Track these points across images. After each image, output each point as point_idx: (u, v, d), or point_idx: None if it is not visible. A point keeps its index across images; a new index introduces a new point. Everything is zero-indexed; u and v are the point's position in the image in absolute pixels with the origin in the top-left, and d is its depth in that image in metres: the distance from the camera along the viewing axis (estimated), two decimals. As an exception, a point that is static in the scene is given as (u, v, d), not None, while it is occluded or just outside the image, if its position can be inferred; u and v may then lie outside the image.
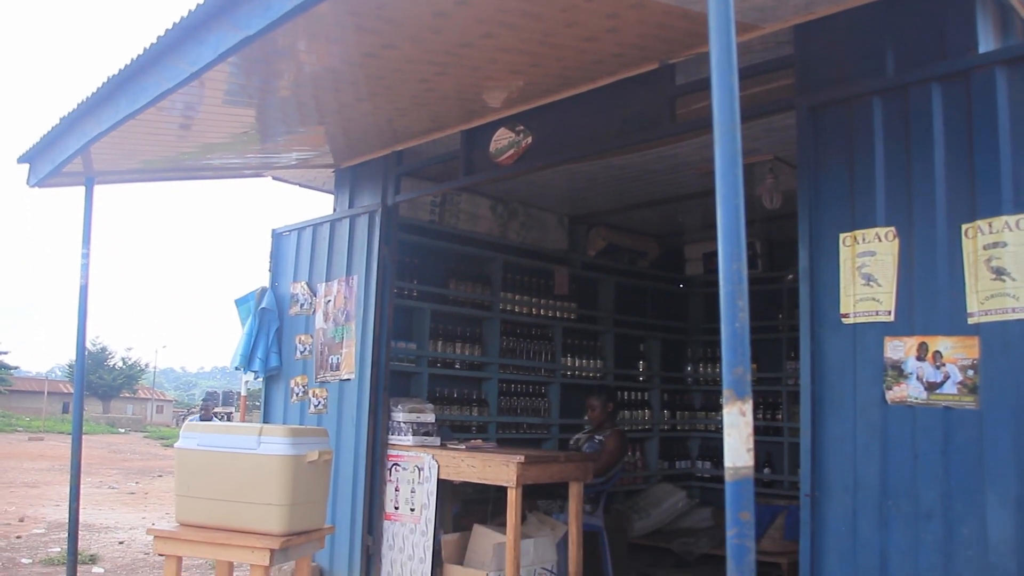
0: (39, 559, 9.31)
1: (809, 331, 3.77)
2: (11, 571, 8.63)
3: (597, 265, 8.87)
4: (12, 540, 10.49)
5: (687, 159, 6.49)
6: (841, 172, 3.75)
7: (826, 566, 3.65)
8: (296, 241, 7.11)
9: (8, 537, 10.67)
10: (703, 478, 9.52)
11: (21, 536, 10.73)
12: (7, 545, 10.15)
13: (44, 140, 5.21)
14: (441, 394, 7.29)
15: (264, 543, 4.32)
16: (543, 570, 5.68)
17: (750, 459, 1.70)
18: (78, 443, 5.56)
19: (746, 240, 1.80)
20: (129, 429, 47.21)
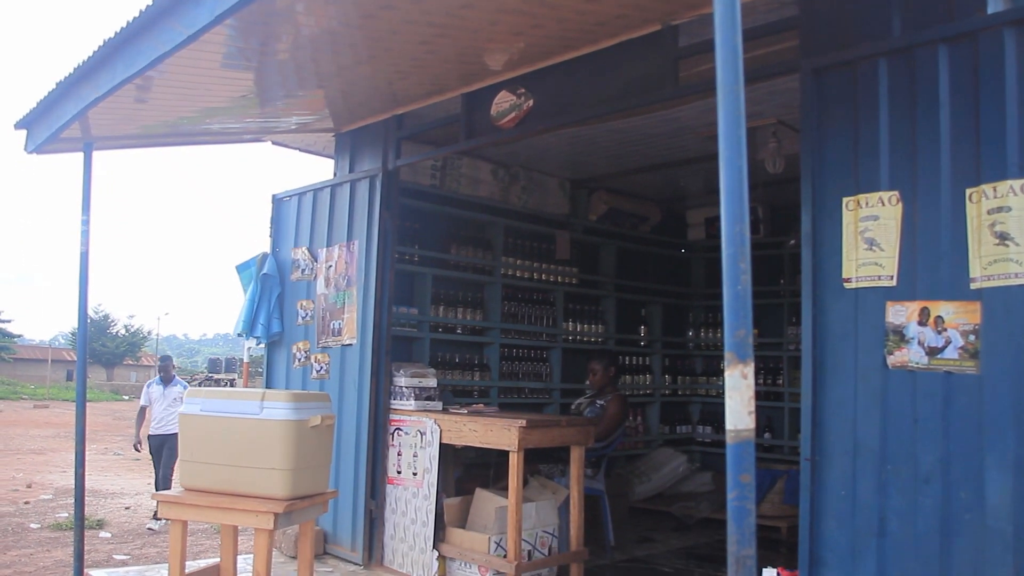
0: (47, 524, 9.39)
1: (811, 296, 3.76)
2: (20, 536, 8.71)
3: (599, 230, 8.86)
4: (20, 506, 10.58)
5: (689, 123, 6.45)
6: (845, 136, 3.72)
7: (825, 529, 3.67)
8: (297, 206, 7.09)
9: (16, 503, 10.77)
10: (704, 443, 9.56)
11: (29, 502, 10.82)
12: (16, 511, 10.24)
13: (41, 105, 5.17)
14: (443, 359, 7.31)
15: (268, 507, 4.34)
16: (544, 533, 5.72)
17: (751, 422, 1.70)
18: (82, 410, 5.58)
19: (748, 204, 1.79)
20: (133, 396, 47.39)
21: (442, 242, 7.49)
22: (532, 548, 5.59)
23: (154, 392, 9.88)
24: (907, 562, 3.38)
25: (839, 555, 3.61)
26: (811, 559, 3.68)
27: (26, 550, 8.15)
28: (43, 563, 7.67)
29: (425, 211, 7.25)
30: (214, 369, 51.95)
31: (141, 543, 8.60)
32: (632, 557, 6.61)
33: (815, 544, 3.69)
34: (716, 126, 1.81)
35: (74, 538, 5.50)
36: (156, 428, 9.60)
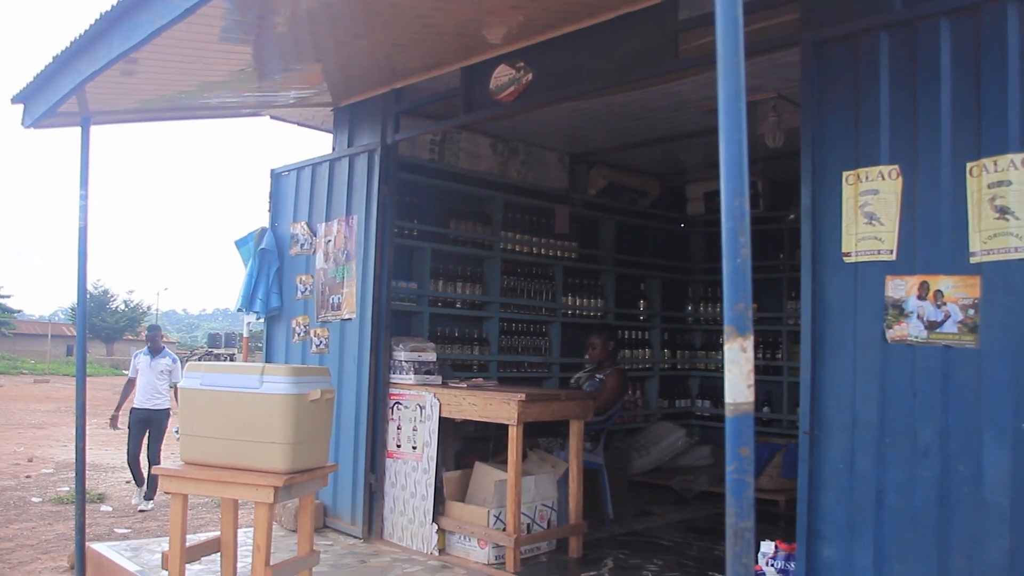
0: (48, 498, 9.45)
1: (810, 270, 3.76)
2: (22, 510, 8.76)
3: (598, 204, 8.84)
4: (22, 480, 10.64)
5: (689, 96, 6.42)
6: (845, 109, 3.70)
7: (823, 503, 3.69)
8: (295, 181, 7.07)
9: (18, 477, 10.82)
10: (703, 417, 9.60)
11: (31, 476, 10.88)
12: (17, 484, 10.29)
13: (38, 79, 5.14)
14: (442, 333, 7.31)
15: (268, 481, 4.36)
16: (544, 507, 5.75)
17: (750, 395, 1.70)
18: (82, 385, 5.59)
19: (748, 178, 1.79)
20: (131, 370, 47.39)
21: (441, 216, 7.47)
22: (531, 521, 5.63)
23: (141, 363, 9.44)
24: (905, 535, 3.41)
25: (837, 528, 3.63)
26: (809, 532, 3.71)
27: (28, 523, 8.20)
28: (45, 536, 7.73)
29: (424, 185, 7.23)
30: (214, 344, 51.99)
31: (141, 517, 8.65)
32: (631, 530, 6.65)
33: (813, 517, 3.71)
34: (716, 100, 1.80)
35: (75, 512, 5.53)
36: (140, 402, 9.26)
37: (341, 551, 5.79)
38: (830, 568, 3.64)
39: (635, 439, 8.91)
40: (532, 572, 5.32)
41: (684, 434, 8.97)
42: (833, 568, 3.63)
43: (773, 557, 4.06)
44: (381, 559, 5.62)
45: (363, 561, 5.56)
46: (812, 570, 3.69)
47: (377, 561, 5.57)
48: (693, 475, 8.18)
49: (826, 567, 3.66)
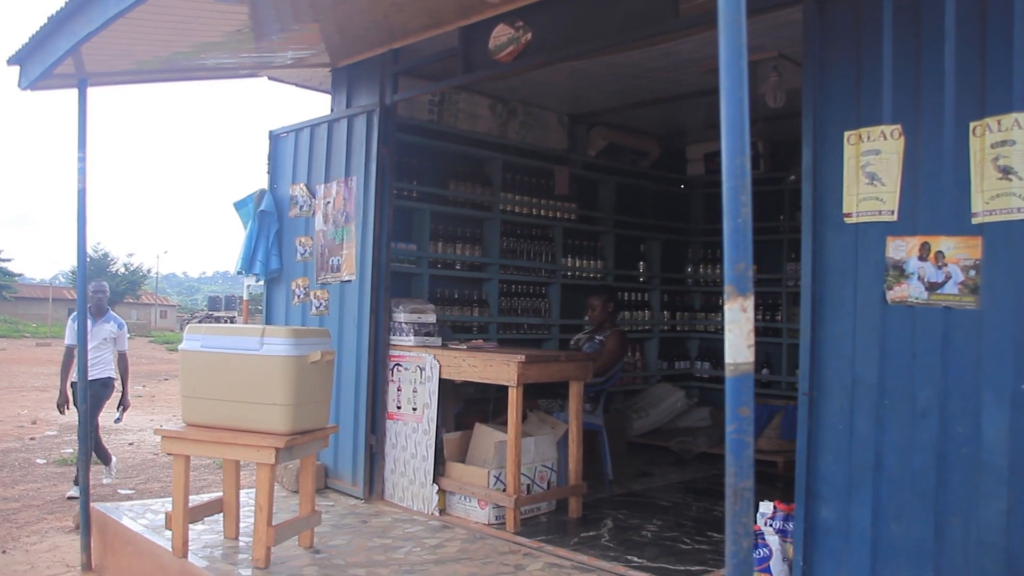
0: (53, 460, 9.51)
1: (811, 231, 3.75)
2: (27, 471, 8.82)
3: (598, 165, 8.80)
4: (26, 441, 10.70)
5: (690, 56, 6.37)
6: (847, 68, 3.66)
7: (822, 464, 3.71)
8: (294, 142, 7.03)
9: (22, 439, 10.89)
10: (702, 378, 9.63)
11: (35, 438, 10.94)
12: (22, 446, 10.36)
13: (33, 40, 5.08)
14: (442, 295, 7.31)
15: (269, 442, 4.39)
16: (543, 468, 5.78)
17: (750, 355, 1.70)
18: (84, 348, 5.61)
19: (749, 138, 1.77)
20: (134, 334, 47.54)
21: (440, 178, 7.44)
22: (531, 482, 5.66)
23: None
24: (903, 496, 3.42)
25: (835, 489, 3.65)
26: (807, 493, 3.73)
27: (33, 484, 8.27)
28: (50, 497, 7.79)
29: (423, 147, 7.19)
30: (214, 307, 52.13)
31: (145, 478, 8.72)
32: (630, 491, 6.70)
33: (812, 478, 3.73)
34: (717, 59, 1.78)
35: (80, 473, 5.57)
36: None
37: (342, 511, 5.83)
38: (828, 528, 3.67)
39: (634, 401, 8.95)
40: (532, 532, 5.36)
41: (683, 396, 9.01)
42: (831, 528, 3.66)
43: (772, 517, 4.09)
44: (382, 519, 5.66)
45: (364, 521, 5.60)
46: (810, 530, 3.72)
47: (378, 521, 5.61)
48: (692, 436, 8.22)
49: (824, 527, 3.68)
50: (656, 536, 5.39)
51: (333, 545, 5.02)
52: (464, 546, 5.07)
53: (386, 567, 4.63)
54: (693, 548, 5.12)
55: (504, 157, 7.80)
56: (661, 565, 4.73)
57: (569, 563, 4.74)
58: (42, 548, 6.12)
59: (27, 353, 28.71)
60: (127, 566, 5.21)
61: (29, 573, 5.58)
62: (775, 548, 3.98)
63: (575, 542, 5.19)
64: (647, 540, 5.28)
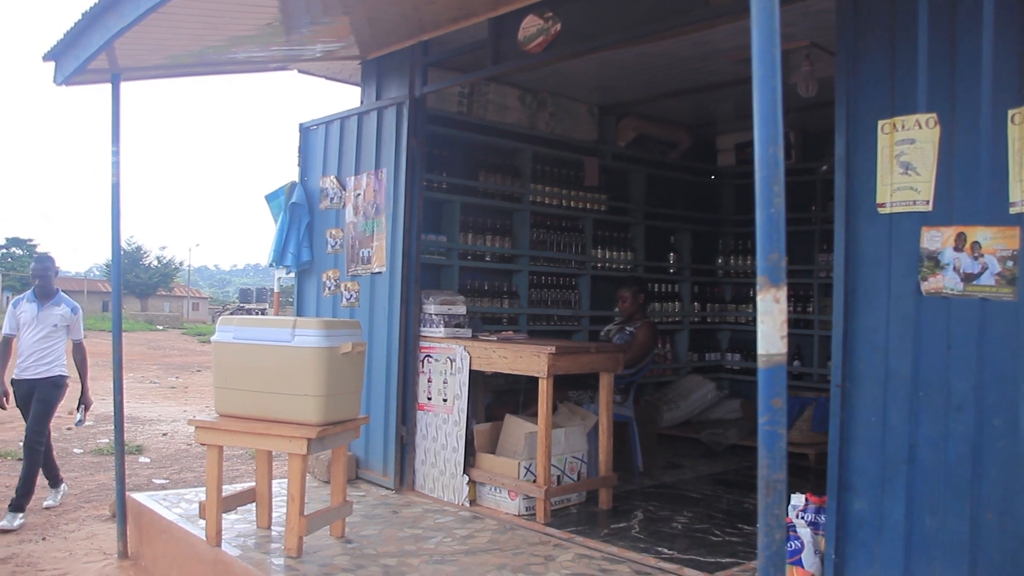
0: (89, 449, 9.65)
1: (844, 221, 3.71)
2: (65, 460, 8.95)
3: (627, 156, 8.77)
4: (63, 431, 10.86)
5: (721, 46, 6.32)
6: (881, 56, 3.62)
7: (855, 456, 3.67)
8: (324, 135, 7.06)
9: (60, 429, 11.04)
10: (732, 370, 9.58)
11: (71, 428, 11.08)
12: (59, 436, 10.51)
13: (68, 36, 5.14)
14: (472, 286, 7.32)
15: (301, 433, 4.42)
16: (574, 459, 5.78)
17: (783, 346, 1.69)
18: (119, 340, 5.66)
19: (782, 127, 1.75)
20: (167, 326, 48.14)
21: (470, 169, 7.44)
22: (561, 473, 5.66)
23: (24, 313, 6.84)
24: (937, 489, 3.39)
25: (868, 481, 3.62)
26: (840, 485, 3.70)
27: (71, 474, 8.39)
28: (87, 486, 7.90)
29: (453, 138, 7.20)
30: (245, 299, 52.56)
31: (179, 468, 8.81)
32: (660, 483, 6.68)
33: (844, 470, 3.70)
34: (748, 49, 1.76)
35: (115, 463, 5.64)
36: (22, 370, 6.77)
37: (373, 502, 5.86)
38: (860, 521, 3.64)
39: (665, 392, 8.92)
40: (562, 523, 5.36)
41: (714, 387, 8.96)
42: (864, 521, 3.63)
43: (803, 510, 4.06)
44: (413, 510, 5.69)
45: (395, 512, 5.63)
46: (843, 523, 3.69)
47: (409, 512, 5.64)
48: (722, 428, 8.18)
49: (856, 520, 3.65)
50: (686, 528, 5.37)
51: (364, 535, 5.06)
52: (494, 537, 5.09)
53: (417, 557, 4.65)
54: (724, 540, 5.11)
55: (534, 148, 7.79)
56: (692, 557, 4.71)
57: (599, 554, 4.74)
58: (80, 536, 6.21)
59: (63, 345, 29.06)
60: (162, 554, 5.27)
61: (67, 560, 5.66)
62: (807, 541, 3.95)
63: (605, 533, 5.19)
64: (677, 532, 5.27)
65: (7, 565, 5.55)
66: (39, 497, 6.88)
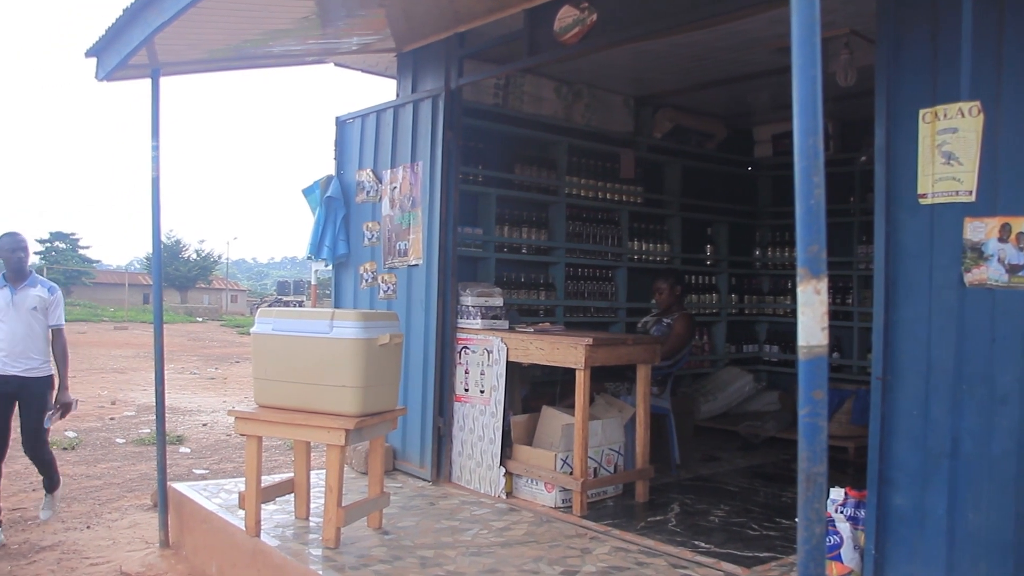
0: (131, 439, 9.79)
1: (884, 212, 3.66)
2: (108, 450, 9.10)
3: (663, 148, 8.72)
4: (107, 422, 11.04)
5: (758, 35, 6.26)
6: (923, 43, 3.56)
7: (896, 449, 3.63)
8: (360, 128, 7.09)
9: (103, 419, 11.23)
10: (770, 362, 9.51)
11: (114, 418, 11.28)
12: (102, 426, 10.68)
13: (109, 32, 5.21)
14: (508, 279, 7.32)
15: (339, 424, 4.45)
16: (610, 451, 5.77)
17: (824, 338, 1.67)
18: (160, 332, 5.71)
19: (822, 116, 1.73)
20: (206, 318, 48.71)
21: (506, 162, 7.44)
22: (598, 465, 5.66)
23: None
24: (981, 484, 3.33)
25: (909, 476, 3.57)
26: (880, 479, 3.65)
27: (114, 463, 8.53)
28: (129, 475, 8.03)
29: (488, 130, 7.20)
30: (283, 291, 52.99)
31: (218, 458, 8.91)
32: (697, 475, 6.65)
33: (885, 464, 3.65)
34: (786, 37, 1.75)
35: (157, 453, 5.71)
36: (2, 365, 5.85)
37: (410, 493, 5.89)
38: (901, 516, 3.60)
39: (702, 384, 8.88)
40: (599, 516, 5.36)
41: (751, 379, 8.91)
42: (905, 516, 3.58)
43: (843, 504, 4.02)
44: (450, 501, 5.71)
45: (432, 503, 5.66)
46: (883, 517, 3.65)
47: (446, 503, 5.66)
48: (760, 421, 8.12)
49: (897, 515, 3.61)
50: (724, 521, 5.34)
51: (401, 526, 5.08)
52: (531, 529, 5.10)
53: (454, 549, 4.67)
54: (761, 534, 5.07)
55: (569, 140, 7.77)
56: (729, 551, 4.69)
57: (636, 547, 4.73)
58: (122, 524, 6.31)
59: (106, 336, 29.53)
60: (202, 544, 5.34)
61: (111, 548, 5.75)
62: (846, 535, 3.92)
63: (642, 526, 5.17)
64: (714, 525, 5.25)
65: (54, 552, 5.65)
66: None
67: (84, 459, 8.68)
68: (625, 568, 4.37)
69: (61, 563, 5.46)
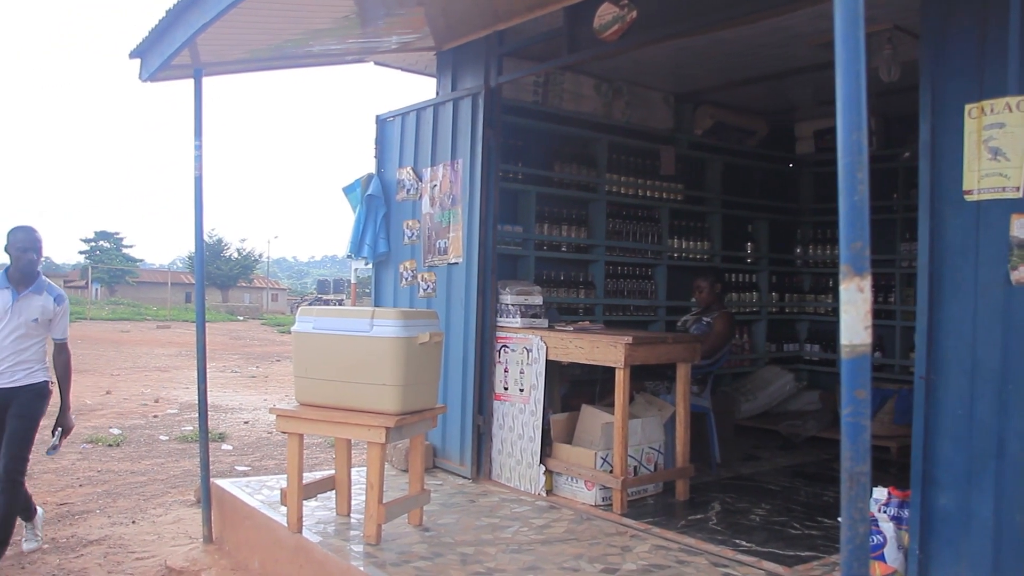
0: (174, 436, 9.93)
1: (928, 209, 3.61)
2: (152, 447, 9.24)
3: (704, 144, 8.67)
4: (150, 419, 11.20)
5: (800, 30, 6.21)
6: (969, 37, 3.50)
7: (940, 449, 3.58)
8: (400, 127, 7.12)
9: (147, 416, 11.39)
10: (811, 361, 9.42)
11: (157, 416, 11.44)
12: (146, 424, 10.84)
13: (152, 34, 5.28)
14: (548, 277, 7.32)
15: (380, 422, 4.48)
16: (650, 449, 5.76)
17: (868, 336, 1.65)
18: (202, 330, 5.77)
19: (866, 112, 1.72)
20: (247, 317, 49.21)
21: (546, 159, 7.44)
22: (638, 464, 5.64)
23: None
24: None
25: (954, 476, 3.52)
26: (924, 479, 3.61)
27: (157, 460, 8.65)
28: (173, 472, 8.14)
29: (528, 128, 7.20)
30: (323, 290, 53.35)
31: (260, 455, 9.01)
32: (737, 474, 6.61)
33: (928, 464, 3.60)
34: (829, 33, 1.73)
35: (200, 450, 5.78)
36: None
37: (450, 491, 5.91)
38: (946, 517, 3.55)
39: (742, 383, 8.82)
40: (639, 514, 5.34)
41: (792, 378, 8.83)
42: (949, 517, 3.54)
43: (886, 504, 3.98)
44: (490, 499, 5.72)
45: (472, 501, 5.67)
46: (927, 518, 3.60)
47: (486, 501, 5.67)
48: (801, 420, 8.06)
49: (942, 515, 3.56)
50: (764, 520, 5.31)
51: (442, 523, 5.11)
52: (571, 527, 5.09)
53: (494, 546, 4.68)
54: (803, 533, 5.03)
55: (609, 138, 7.75)
56: (770, 550, 4.65)
57: (676, 546, 4.71)
58: (167, 520, 6.40)
59: (149, 335, 29.95)
60: (245, 539, 5.40)
61: (156, 543, 5.84)
62: (890, 535, 3.87)
63: (682, 525, 5.15)
64: (755, 524, 5.21)
65: (100, 546, 5.75)
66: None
67: (129, 456, 8.82)
68: (666, 566, 4.36)
69: (108, 557, 5.55)
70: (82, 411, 8.91)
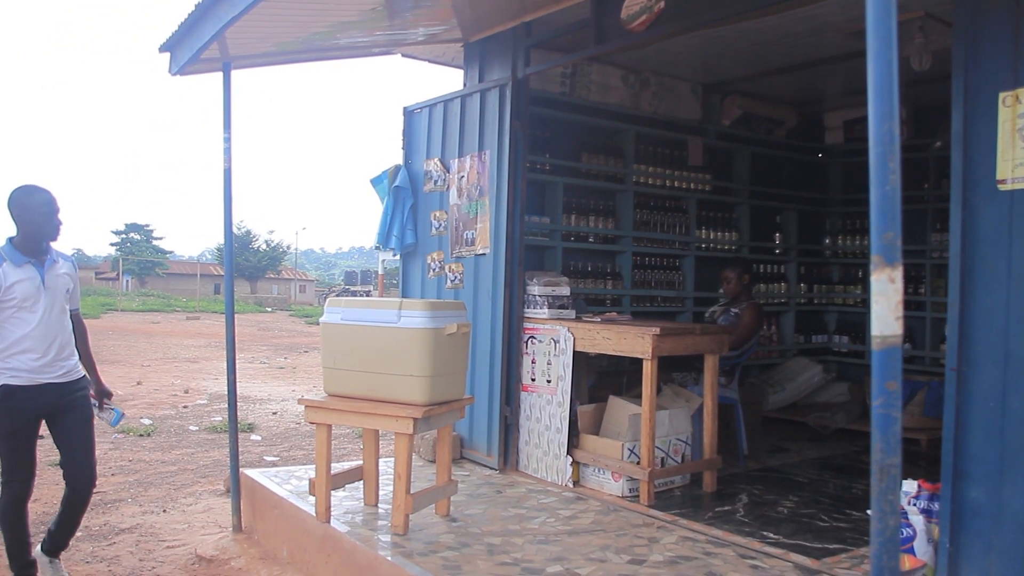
0: (204, 427, 10.02)
1: (960, 199, 3.56)
2: (182, 437, 9.33)
3: (732, 135, 8.62)
4: (180, 409, 11.31)
5: (830, 19, 6.15)
6: (1003, 24, 3.45)
7: (971, 442, 3.54)
8: (428, 118, 7.13)
9: (177, 407, 11.50)
10: (840, 352, 9.36)
11: (187, 406, 11.55)
12: (176, 414, 10.95)
13: (182, 28, 5.32)
14: (575, 268, 7.32)
15: (408, 412, 4.49)
16: (678, 441, 5.74)
17: (899, 327, 1.64)
18: (231, 321, 5.82)
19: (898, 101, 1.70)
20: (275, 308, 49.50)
21: (573, 150, 7.43)
22: (665, 455, 5.63)
23: (20, 283, 4.29)
24: (1061, 476, 3.25)
25: (986, 469, 3.49)
26: (955, 472, 3.58)
27: (187, 450, 8.73)
28: (203, 462, 8.21)
29: (555, 119, 7.19)
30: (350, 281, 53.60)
31: (288, 446, 9.07)
32: (765, 466, 6.59)
33: (959, 457, 3.57)
34: (860, 21, 1.72)
35: (229, 440, 5.83)
36: (36, 372, 4.37)
37: (478, 481, 5.93)
38: (977, 510, 3.52)
39: (770, 375, 8.77)
40: (666, 505, 5.34)
41: (820, 370, 8.77)
42: (980, 510, 3.50)
43: (916, 496, 3.95)
44: (517, 490, 5.74)
45: (499, 491, 5.69)
46: (958, 511, 3.57)
47: (513, 491, 5.69)
48: (829, 412, 8.01)
49: (973, 508, 3.53)
50: (792, 512, 5.28)
51: (469, 514, 5.12)
52: (598, 517, 5.10)
53: (521, 536, 4.69)
54: (831, 526, 5.01)
55: (637, 128, 7.72)
56: (798, 542, 4.63)
57: (703, 537, 4.70)
58: (197, 509, 6.47)
59: (178, 326, 30.21)
60: (274, 529, 5.45)
61: (186, 532, 5.90)
62: (919, 528, 3.85)
63: (709, 516, 5.14)
64: (783, 516, 5.19)
65: (132, 535, 5.82)
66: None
67: (159, 445, 8.91)
68: (693, 558, 4.35)
69: (139, 545, 5.62)
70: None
